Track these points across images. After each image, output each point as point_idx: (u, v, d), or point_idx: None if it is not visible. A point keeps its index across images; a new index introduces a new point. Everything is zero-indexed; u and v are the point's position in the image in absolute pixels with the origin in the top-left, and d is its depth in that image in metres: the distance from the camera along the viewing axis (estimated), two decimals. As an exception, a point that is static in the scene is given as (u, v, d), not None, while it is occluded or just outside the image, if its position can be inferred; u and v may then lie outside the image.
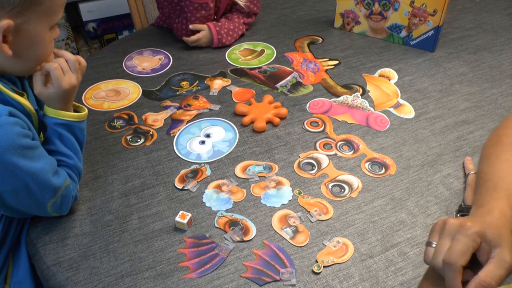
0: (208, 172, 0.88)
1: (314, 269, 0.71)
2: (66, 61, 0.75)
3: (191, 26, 1.21)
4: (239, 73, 1.17)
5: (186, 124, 1.00)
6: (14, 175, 0.66)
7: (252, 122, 0.99)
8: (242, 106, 1.02)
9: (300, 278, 0.70)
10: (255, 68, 1.18)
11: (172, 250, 0.74)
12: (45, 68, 0.73)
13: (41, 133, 0.79)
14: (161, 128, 0.99)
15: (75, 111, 0.80)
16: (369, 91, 1.10)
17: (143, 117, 1.02)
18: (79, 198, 0.82)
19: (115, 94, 1.09)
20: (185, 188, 0.85)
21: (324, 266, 0.71)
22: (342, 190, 0.84)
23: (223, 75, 1.16)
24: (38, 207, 0.73)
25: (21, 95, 0.73)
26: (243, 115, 1.01)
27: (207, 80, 1.14)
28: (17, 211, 0.73)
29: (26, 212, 0.75)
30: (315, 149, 0.93)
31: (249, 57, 1.23)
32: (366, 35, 1.31)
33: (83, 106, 0.82)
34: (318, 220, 0.79)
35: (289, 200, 0.82)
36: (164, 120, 1.01)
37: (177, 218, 0.77)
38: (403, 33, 1.25)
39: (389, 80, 1.14)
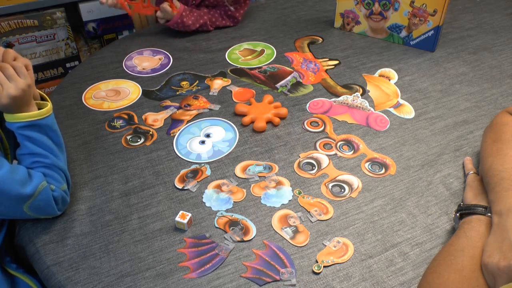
0: (208, 172, 0.88)
1: (314, 269, 0.71)
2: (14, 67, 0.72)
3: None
4: (239, 73, 1.17)
5: (186, 124, 1.00)
6: None
7: (252, 122, 0.99)
8: (242, 106, 1.02)
9: (300, 278, 0.70)
10: (255, 68, 1.18)
11: (172, 250, 0.74)
12: None
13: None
14: (161, 128, 0.99)
15: (39, 108, 0.77)
16: (369, 91, 1.10)
17: (143, 117, 1.02)
18: (78, 198, 0.82)
19: (115, 94, 1.09)
20: (185, 188, 0.85)
21: (324, 266, 0.71)
22: (342, 190, 0.84)
23: (223, 75, 1.16)
24: (15, 211, 0.72)
25: None
26: (243, 115, 1.01)
27: (207, 80, 1.14)
28: None
29: (9, 216, 0.75)
30: (315, 149, 0.93)
31: (249, 57, 1.23)
32: (366, 35, 1.31)
33: (46, 102, 0.78)
34: (318, 220, 0.79)
35: (289, 200, 0.82)
36: (164, 120, 1.01)
37: (177, 218, 0.77)
38: (403, 33, 1.25)
39: (389, 80, 1.14)
